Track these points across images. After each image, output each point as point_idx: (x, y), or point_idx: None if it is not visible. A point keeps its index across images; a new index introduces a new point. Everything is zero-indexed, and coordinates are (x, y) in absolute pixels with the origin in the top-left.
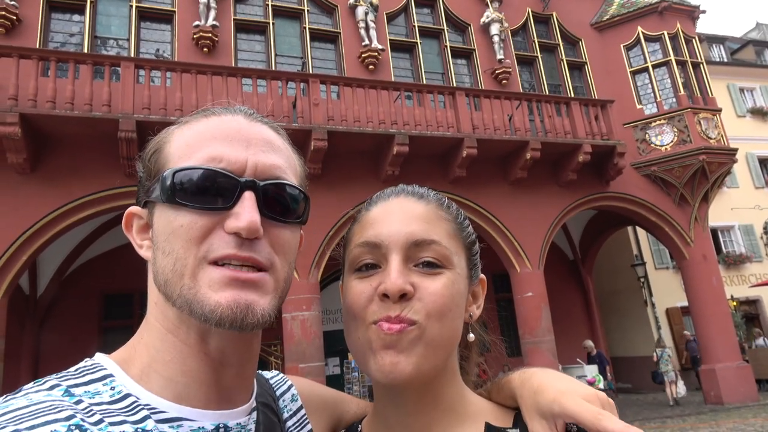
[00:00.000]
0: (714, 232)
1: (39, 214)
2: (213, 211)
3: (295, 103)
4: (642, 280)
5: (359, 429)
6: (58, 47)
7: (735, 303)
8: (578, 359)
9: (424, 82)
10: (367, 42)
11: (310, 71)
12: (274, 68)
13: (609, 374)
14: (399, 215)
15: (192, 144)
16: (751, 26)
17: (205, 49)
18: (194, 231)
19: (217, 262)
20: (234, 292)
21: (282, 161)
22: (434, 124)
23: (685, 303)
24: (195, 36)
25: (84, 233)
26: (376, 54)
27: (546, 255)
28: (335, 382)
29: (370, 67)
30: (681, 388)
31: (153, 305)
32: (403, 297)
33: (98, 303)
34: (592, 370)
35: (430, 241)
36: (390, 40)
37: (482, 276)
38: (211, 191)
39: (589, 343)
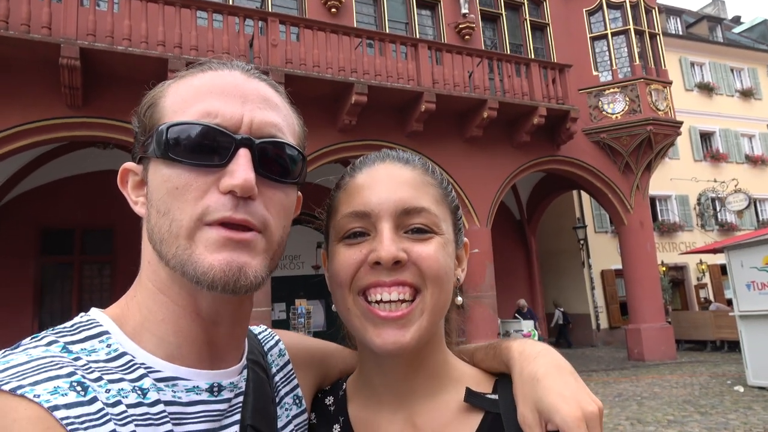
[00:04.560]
0: (652, 200)
1: None
2: (207, 168)
3: (252, 42)
4: (582, 242)
5: (344, 387)
6: None
7: (664, 268)
8: (516, 314)
9: (387, 31)
10: None
11: (269, 9)
12: (231, 3)
13: (538, 329)
14: (386, 182)
15: (187, 98)
16: (708, 1)
17: None
18: (190, 192)
19: (212, 224)
20: (228, 254)
21: (279, 119)
22: (394, 75)
23: (619, 266)
24: None
25: (21, 162)
26: None
27: (495, 213)
28: (281, 326)
29: (333, 10)
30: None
31: (146, 264)
32: (397, 264)
33: (35, 237)
34: (528, 325)
35: (420, 208)
36: None
37: (465, 239)
38: (206, 148)
39: (522, 301)
